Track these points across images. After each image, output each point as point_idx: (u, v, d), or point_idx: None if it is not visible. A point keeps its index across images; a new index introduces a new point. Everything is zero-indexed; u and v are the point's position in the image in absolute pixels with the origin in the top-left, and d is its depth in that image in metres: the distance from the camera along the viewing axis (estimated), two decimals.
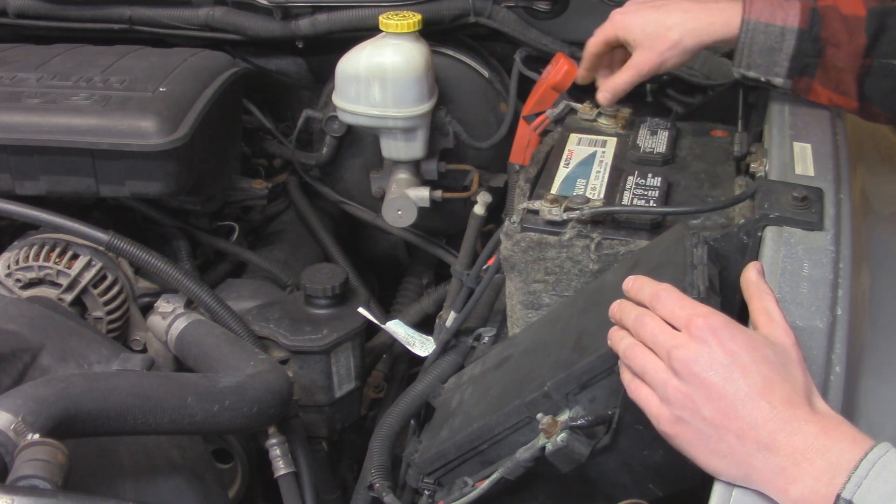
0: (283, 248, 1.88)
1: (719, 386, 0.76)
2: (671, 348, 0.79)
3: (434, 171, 1.86)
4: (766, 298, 0.86)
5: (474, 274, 1.48)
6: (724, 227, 1.16)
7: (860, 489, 0.69)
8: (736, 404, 0.75)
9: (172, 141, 1.44)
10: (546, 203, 1.19)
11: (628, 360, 0.84)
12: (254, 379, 1.21)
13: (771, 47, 1.26)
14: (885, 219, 1.28)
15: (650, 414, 0.82)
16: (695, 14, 1.33)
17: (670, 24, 1.33)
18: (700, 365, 0.77)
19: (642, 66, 1.37)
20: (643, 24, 1.35)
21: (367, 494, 1.29)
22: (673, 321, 0.82)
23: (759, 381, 0.75)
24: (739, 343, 0.77)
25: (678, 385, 0.78)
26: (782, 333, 0.81)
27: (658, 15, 1.35)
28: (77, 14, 1.87)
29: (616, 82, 1.41)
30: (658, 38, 1.33)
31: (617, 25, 1.39)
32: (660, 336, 0.81)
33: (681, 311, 0.81)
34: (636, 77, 1.39)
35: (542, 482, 0.99)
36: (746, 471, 0.75)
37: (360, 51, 1.70)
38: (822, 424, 0.73)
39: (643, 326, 0.83)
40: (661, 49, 1.34)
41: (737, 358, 0.77)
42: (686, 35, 1.32)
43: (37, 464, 0.83)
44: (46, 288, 1.47)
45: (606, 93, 1.43)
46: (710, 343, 0.77)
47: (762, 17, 1.26)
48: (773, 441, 0.73)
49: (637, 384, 0.83)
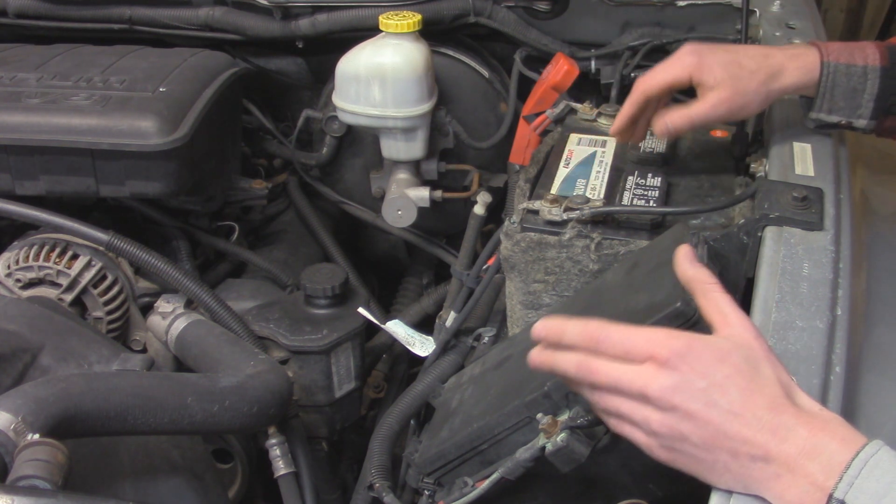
0: (283, 248, 1.88)
1: (702, 412, 0.75)
2: (642, 387, 0.77)
3: (434, 171, 1.86)
4: (711, 292, 0.83)
5: (474, 274, 1.48)
6: (724, 227, 1.16)
7: (853, 488, 0.69)
8: (723, 425, 0.74)
9: (172, 141, 1.44)
10: (546, 203, 1.19)
11: (598, 406, 0.82)
12: (254, 379, 1.21)
13: (854, 89, 1.19)
14: (885, 219, 1.28)
15: (640, 446, 0.80)
16: (775, 59, 1.21)
17: (753, 68, 1.19)
18: (679, 395, 0.75)
19: (722, 105, 1.19)
20: (724, 65, 1.19)
21: (367, 494, 1.29)
22: (628, 357, 0.78)
23: (737, 396, 0.74)
24: (708, 360, 0.76)
25: (661, 418, 0.77)
26: (741, 330, 0.79)
27: (736, 57, 1.21)
28: (77, 14, 1.87)
29: (691, 113, 1.21)
30: (741, 80, 1.19)
31: (692, 64, 1.20)
32: (622, 378, 0.78)
33: (634, 347, 0.78)
34: (711, 115, 1.20)
35: (542, 482, 0.99)
36: (745, 482, 0.75)
37: (360, 51, 1.70)
38: (810, 425, 0.73)
39: (595, 374, 0.80)
40: (745, 90, 1.19)
41: (711, 377, 0.75)
42: (770, 79, 1.20)
43: (37, 464, 0.83)
44: (46, 288, 1.47)
45: (671, 123, 1.22)
46: (682, 369, 0.75)
47: (842, 59, 1.19)
48: (765, 452, 0.73)
49: (616, 421, 0.82)
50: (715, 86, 1.19)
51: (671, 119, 1.22)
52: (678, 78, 1.22)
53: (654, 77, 1.24)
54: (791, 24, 1.61)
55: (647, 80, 1.24)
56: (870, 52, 1.20)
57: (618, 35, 1.84)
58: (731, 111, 1.20)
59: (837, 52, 1.20)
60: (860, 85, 1.19)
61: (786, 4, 1.68)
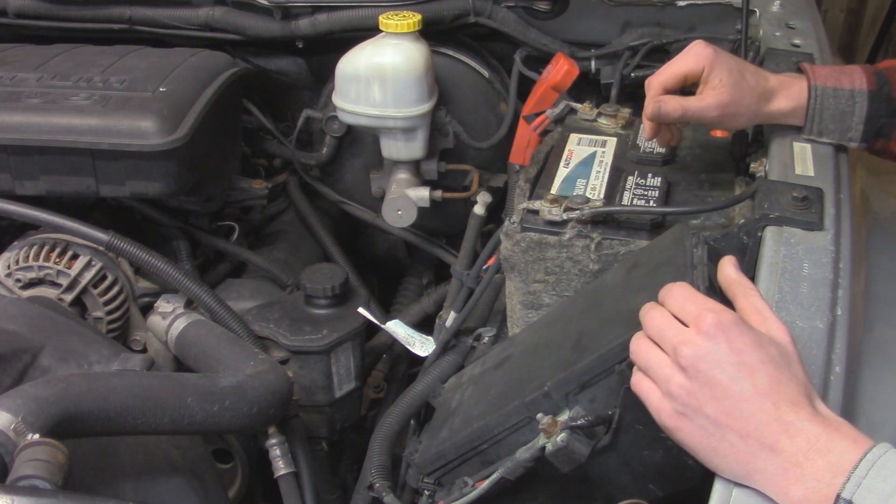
0: (283, 248, 1.88)
1: (725, 384, 0.76)
2: (678, 344, 0.78)
3: (434, 171, 1.86)
4: (751, 295, 0.85)
5: (474, 274, 1.48)
6: (724, 227, 1.16)
7: (860, 489, 0.69)
8: (741, 404, 0.75)
9: (172, 141, 1.44)
10: (546, 203, 1.19)
11: (633, 354, 0.84)
12: (254, 379, 1.21)
13: (843, 111, 1.21)
14: (885, 219, 1.28)
15: (651, 407, 0.81)
16: (769, 83, 1.22)
17: (752, 84, 1.20)
18: (707, 362, 0.76)
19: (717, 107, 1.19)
20: (731, 71, 1.19)
21: (367, 494, 1.29)
22: (682, 316, 0.81)
23: (765, 382, 0.75)
24: (747, 342, 0.77)
25: (682, 381, 0.78)
26: (779, 332, 0.81)
27: (742, 68, 1.21)
28: (77, 14, 1.87)
29: (686, 104, 1.20)
30: (741, 91, 1.19)
31: (708, 56, 1.20)
32: (666, 331, 0.80)
33: (690, 307, 0.80)
34: (704, 114, 1.20)
35: (542, 482, 0.99)
36: (748, 470, 0.75)
37: (360, 51, 1.70)
38: (824, 425, 0.73)
39: (651, 320, 0.83)
40: (741, 102, 1.20)
41: (744, 357, 0.76)
42: (763, 100, 1.21)
43: (37, 464, 0.83)
44: (46, 288, 1.47)
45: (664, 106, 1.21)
46: (719, 340, 0.77)
47: (829, 83, 1.21)
48: (776, 442, 0.74)
49: (639, 377, 0.83)
50: (718, 87, 1.19)
51: (665, 102, 1.21)
52: (693, 69, 1.21)
53: (669, 68, 1.23)
54: (791, 24, 1.61)
55: (661, 73, 1.23)
56: (857, 76, 1.22)
57: (618, 35, 1.84)
58: (723, 117, 1.21)
59: (825, 77, 1.22)
60: (848, 108, 1.21)
61: (786, 4, 1.68)
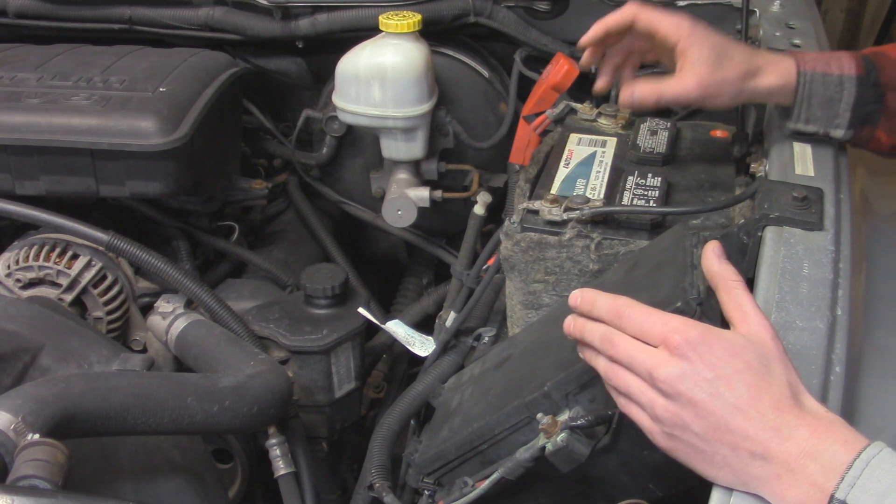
0: (283, 248, 1.88)
1: (706, 402, 0.75)
2: (651, 368, 0.77)
3: (434, 171, 1.86)
4: (734, 289, 0.83)
5: (474, 274, 1.48)
6: (724, 227, 1.16)
7: (854, 489, 0.69)
8: (725, 418, 0.75)
9: (172, 141, 1.44)
10: (546, 203, 1.19)
11: (610, 381, 0.83)
12: (254, 379, 1.21)
13: (831, 98, 1.19)
14: (885, 219, 1.28)
15: (644, 429, 0.81)
16: (757, 59, 1.18)
17: (737, 60, 1.16)
18: (684, 383, 0.76)
19: (696, 88, 1.16)
20: (713, 46, 1.16)
21: (367, 494, 1.29)
22: (645, 338, 0.80)
23: (744, 392, 0.75)
24: (719, 354, 0.76)
25: (665, 404, 0.77)
26: (759, 328, 0.80)
27: (727, 44, 1.17)
28: (77, 14, 1.87)
29: (662, 89, 1.18)
30: (722, 66, 1.15)
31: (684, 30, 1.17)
32: (636, 356, 0.79)
33: (651, 328, 0.79)
34: (682, 97, 1.17)
35: (542, 482, 0.99)
36: (744, 479, 0.76)
37: (360, 51, 1.70)
38: (813, 426, 0.73)
39: (615, 347, 0.81)
40: (723, 78, 1.16)
41: (719, 370, 0.75)
42: (748, 75, 1.17)
43: (37, 464, 0.83)
44: (46, 288, 1.47)
45: (638, 93, 1.20)
46: (691, 358, 0.76)
47: (818, 68, 1.19)
48: (766, 450, 0.73)
49: (625, 401, 0.82)
50: (697, 62, 1.16)
51: (639, 89, 1.20)
52: (652, 26, 1.20)
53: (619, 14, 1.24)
54: (791, 24, 1.61)
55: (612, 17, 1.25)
56: (845, 61, 1.20)
57: None
58: (703, 97, 1.17)
59: (813, 62, 1.20)
60: (837, 94, 1.19)
61: (786, 4, 1.68)
